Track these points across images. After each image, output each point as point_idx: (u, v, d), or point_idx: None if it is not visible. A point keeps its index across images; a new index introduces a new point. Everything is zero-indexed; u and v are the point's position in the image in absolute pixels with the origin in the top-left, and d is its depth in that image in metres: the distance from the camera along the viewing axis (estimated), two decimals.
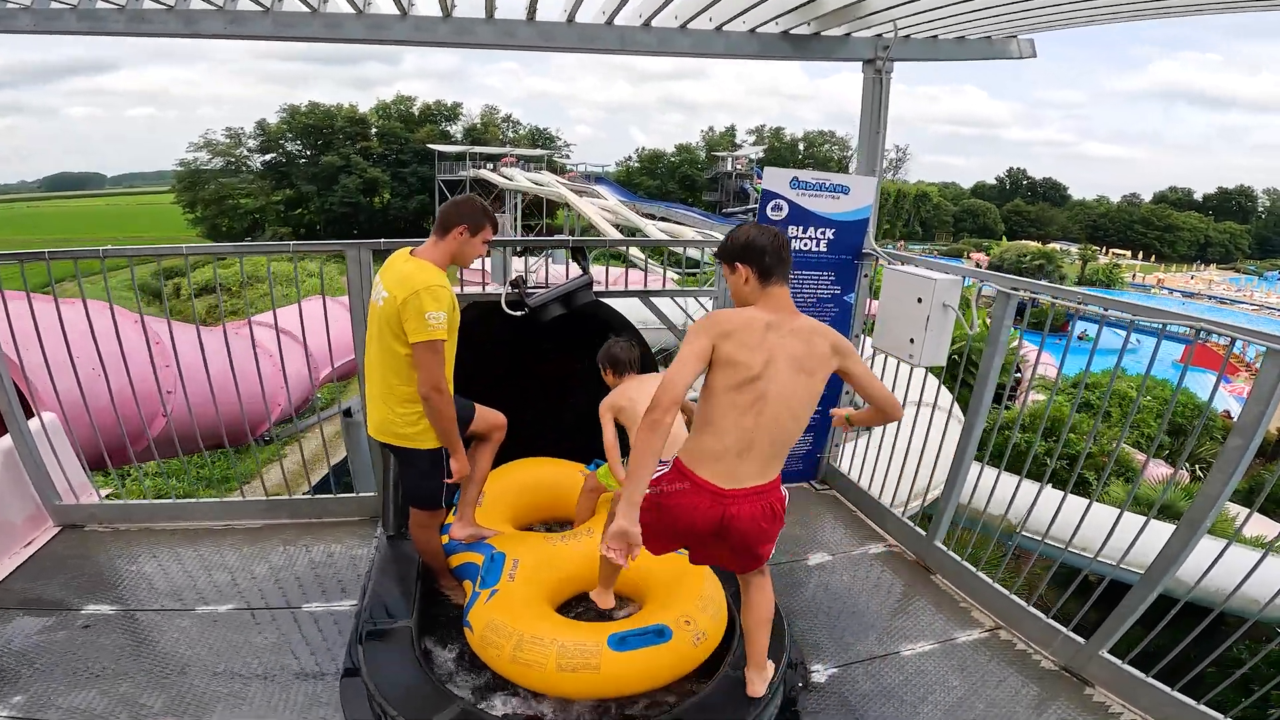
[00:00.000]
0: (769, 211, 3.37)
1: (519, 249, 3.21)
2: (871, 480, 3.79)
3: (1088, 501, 2.56)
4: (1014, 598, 2.87)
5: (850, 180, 3.45)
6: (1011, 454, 2.91)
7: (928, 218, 64.32)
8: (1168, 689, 2.27)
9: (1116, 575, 2.46)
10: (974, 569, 3.07)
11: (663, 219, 30.57)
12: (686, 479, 1.89)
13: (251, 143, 49.90)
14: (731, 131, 65.69)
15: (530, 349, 3.33)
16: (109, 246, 3.01)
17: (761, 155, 55.22)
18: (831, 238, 3.49)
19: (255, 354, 3.48)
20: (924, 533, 3.33)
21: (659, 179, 60.76)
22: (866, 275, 3.63)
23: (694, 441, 1.93)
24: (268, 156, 50.21)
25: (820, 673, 2.64)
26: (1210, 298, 44.89)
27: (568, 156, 60.66)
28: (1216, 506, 2.04)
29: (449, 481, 2.55)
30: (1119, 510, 2.44)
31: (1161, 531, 2.26)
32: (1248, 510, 2.53)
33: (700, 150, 62.88)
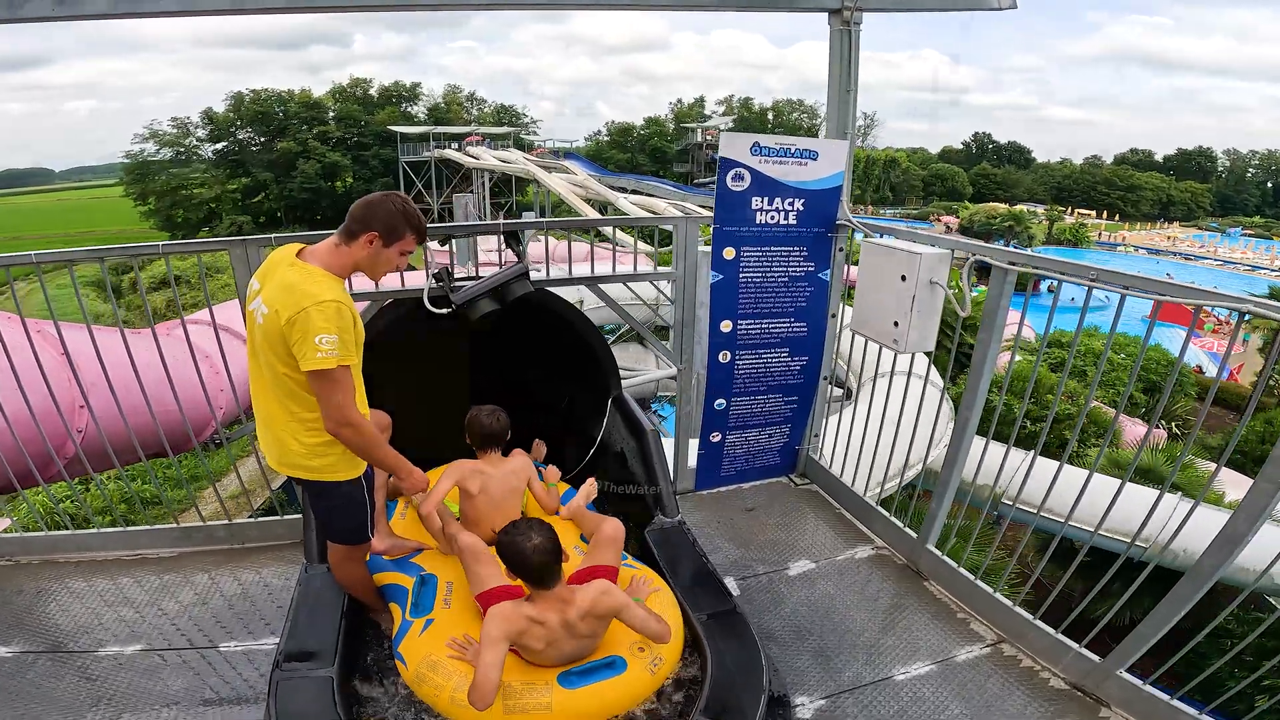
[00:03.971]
0: (729, 181, 2.98)
1: (445, 237, 2.74)
2: (855, 473, 3.48)
3: (1087, 473, 2.25)
4: (1018, 610, 2.58)
5: (819, 145, 3.06)
6: (993, 418, 2.61)
7: (897, 183, 64.83)
8: (1195, 712, 2.00)
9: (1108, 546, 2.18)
10: (972, 577, 2.77)
11: (634, 192, 30.08)
12: None
13: (200, 132, 48.84)
14: (700, 103, 65.37)
15: (466, 352, 2.93)
16: None
17: (731, 125, 54.93)
18: (801, 209, 3.11)
19: (194, 357, 3.01)
20: (915, 535, 3.03)
21: (629, 152, 60.47)
22: (842, 249, 3.26)
23: None
24: (219, 145, 49.24)
25: (805, 706, 2.34)
26: (1175, 254, 45.81)
27: (535, 133, 60.02)
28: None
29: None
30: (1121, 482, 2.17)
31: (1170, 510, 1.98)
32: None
33: (669, 123, 62.47)
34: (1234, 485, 10.04)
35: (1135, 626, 2.10)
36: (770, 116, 64.92)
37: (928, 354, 4.32)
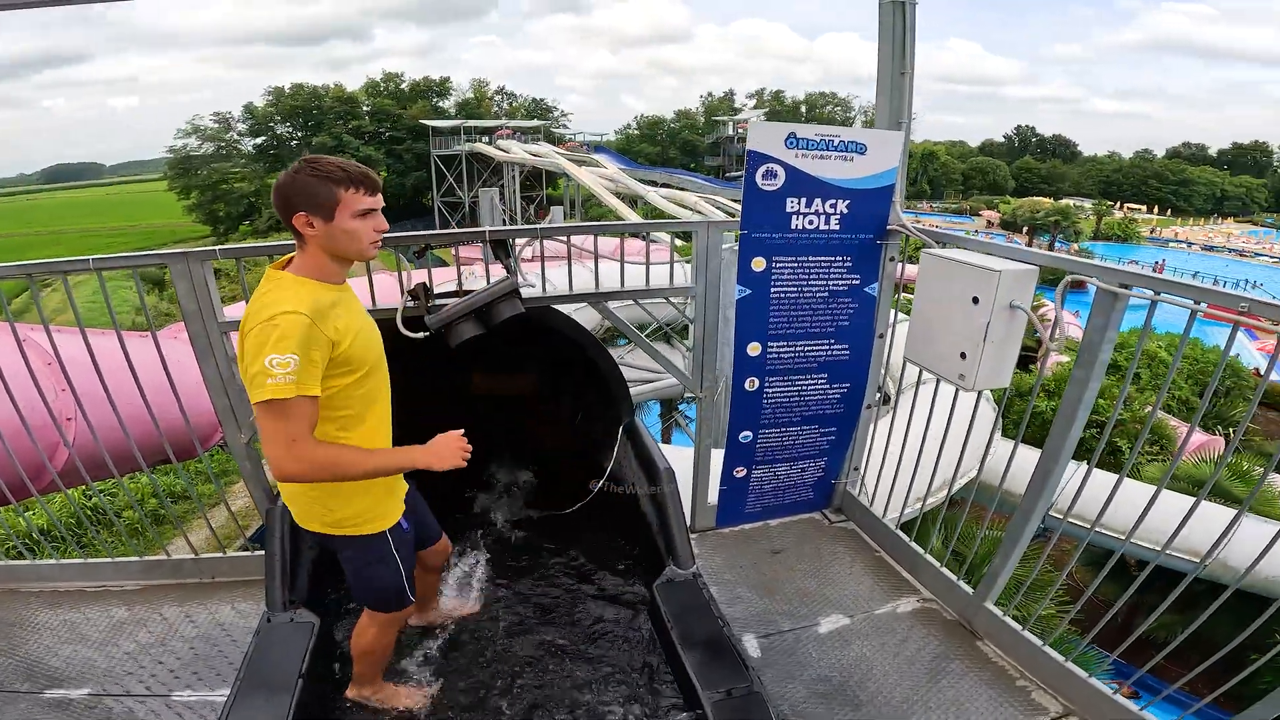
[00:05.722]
0: (759, 179, 2.52)
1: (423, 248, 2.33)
2: (890, 498, 3.02)
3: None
4: (1092, 679, 2.12)
5: (867, 136, 2.59)
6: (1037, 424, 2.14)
7: (935, 176, 63.27)
8: None
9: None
10: (1038, 641, 2.31)
11: (664, 185, 29.66)
12: None
13: (241, 126, 50.11)
14: (730, 95, 64.66)
15: (450, 381, 2.56)
16: None
17: (764, 118, 54.01)
18: (845, 211, 2.64)
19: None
20: (971, 590, 2.56)
21: (659, 145, 60.32)
22: (893, 259, 2.78)
23: None
24: (258, 140, 50.39)
25: None
26: (1230, 250, 43.65)
27: (565, 126, 60.07)
28: None
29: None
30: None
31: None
32: None
33: (700, 115, 61.87)
34: None
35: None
36: (803, 110, 63.74)
37: None
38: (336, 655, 2.33)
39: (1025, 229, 40.81)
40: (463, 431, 1.71)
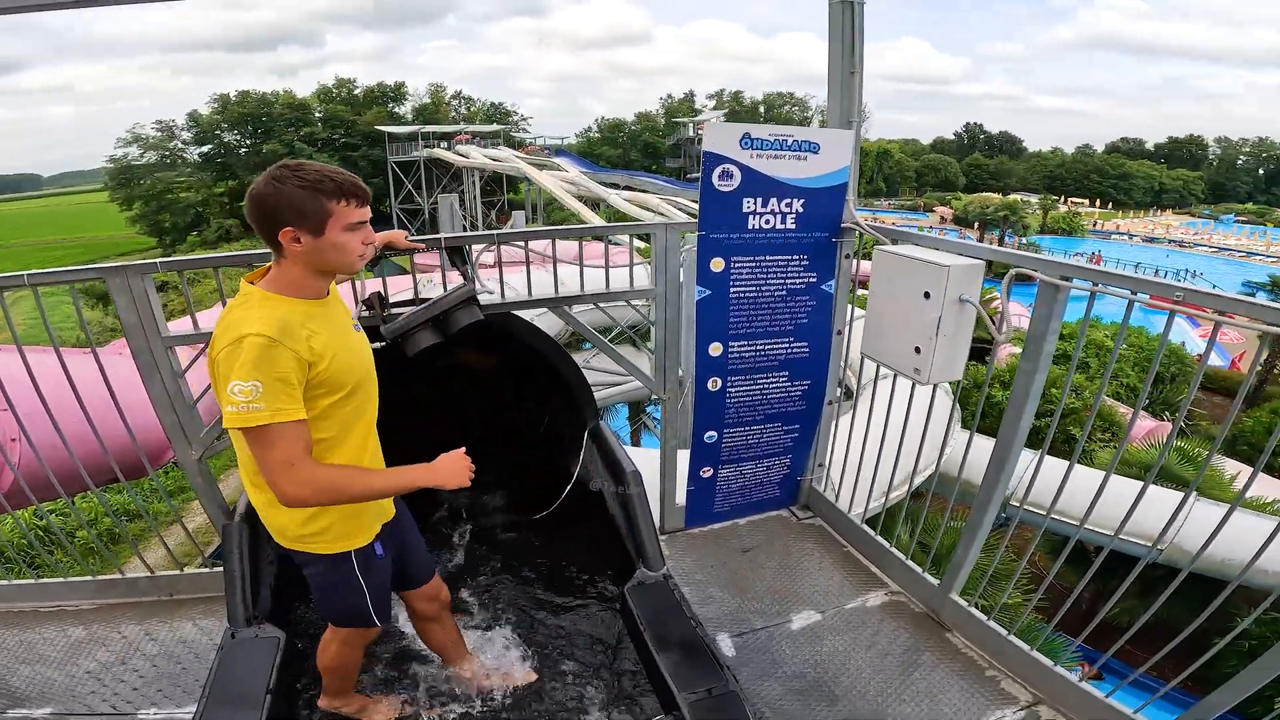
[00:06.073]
0: (716, 180, 2.54)
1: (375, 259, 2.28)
2: (854, 493, 3.07)
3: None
4: (1057, 668, 2.18)
5: (820, 135, 2.63)
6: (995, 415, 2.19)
7: (890, 174, 64.81)
8: None
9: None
10: (1004, 631, 2.37)
11: (626, 188, 29.69)
12: None
13: (186, 135, 48.69)
14: (690, 97, 65.08)
15: (411, 393, 2.51)
16: None
17: (723, 119, 54.62)
18: (801, 210, 2.68)
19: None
20: (936, 582, 2.62)
21: (620, 148, 60.44)
22: (849, 256, 2.83)
23: None
24: (205, 148, 49.05)
25: None
26: (1170, 241, 45.70)
27: (526, 130, 59.76)
28: None
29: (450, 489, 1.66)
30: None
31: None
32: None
33: (660, 117, 62.19)
34: (1246, 480, 9.69)
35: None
36: (762, 110, 64.63)
37: None
38: (304, 670, 2.29)
39: (976, 224, 42.05)
40: (464, 450, 1.68)
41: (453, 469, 1.63)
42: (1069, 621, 2.29)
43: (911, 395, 2.54)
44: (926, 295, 2.05)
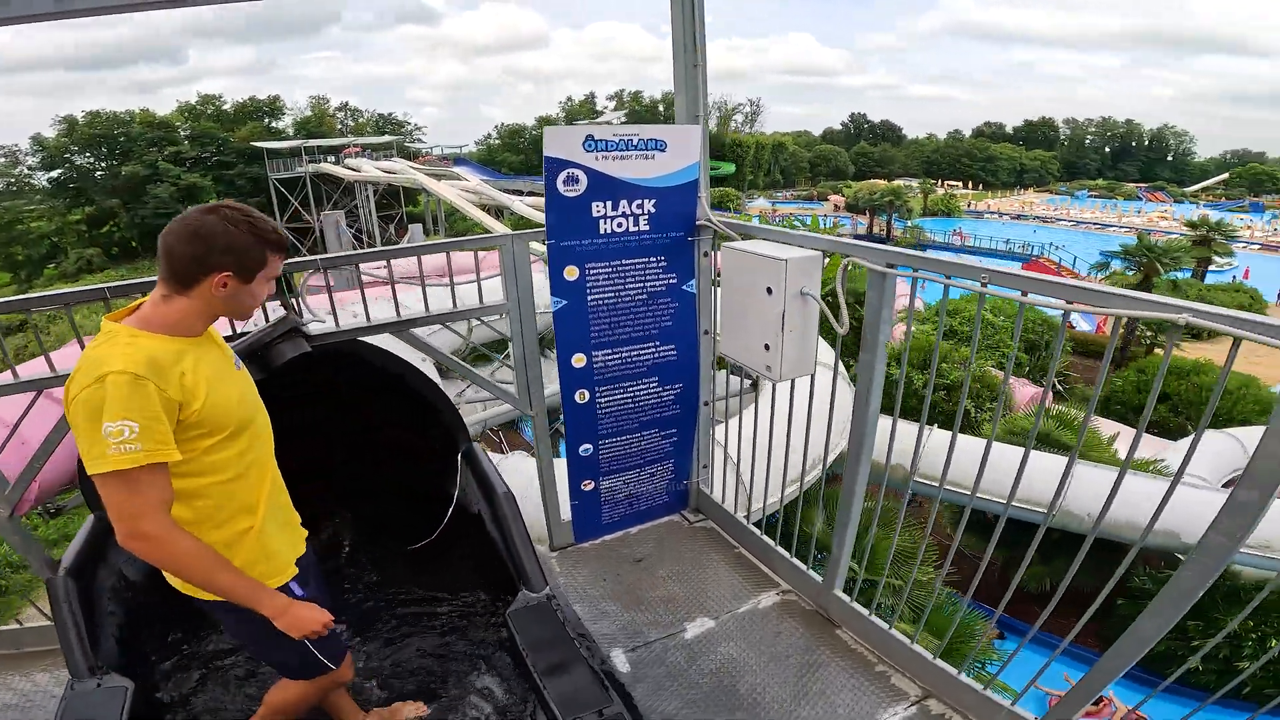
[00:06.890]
0: (561, 186, 2.43)
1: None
2: (750, 506, 3.04)
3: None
4: (938, 662, 2.20)
5: (666, 132, 2.57)
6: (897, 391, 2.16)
7: (786, 166, 67.41)
8: None
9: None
10: (886, 626, 2.38)
11: (529, 193, 29.19)
12: None
13: (32, 160, 43.95)
14: (591, 99, 65.16)
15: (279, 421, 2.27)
16: None
17: (624, 119, 55.01)
18: (653, 210, 2.61)
19: None
20: (820, 579, 2.61)
21: (523, 154, 59.59)
22: (707, 254, 2.79)
23: None
24: (55, 173, 44.42)
25: None
26: (1035, 217, 49.98)
27: (421, 140, 57.89)
28: None
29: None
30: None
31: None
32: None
33: (561, 121, 61.99)
34: (1124, 440, 10.65)
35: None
36: (661, 109, 65.52)
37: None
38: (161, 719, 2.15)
39: (866, 210, 44.37)
40: (333, 620, 1.58)
41: (306, 618, 1.53)
42: (983, 589, 2.29)
43: (812, 386, 2.47)
44: (769, 290, 2.02)
